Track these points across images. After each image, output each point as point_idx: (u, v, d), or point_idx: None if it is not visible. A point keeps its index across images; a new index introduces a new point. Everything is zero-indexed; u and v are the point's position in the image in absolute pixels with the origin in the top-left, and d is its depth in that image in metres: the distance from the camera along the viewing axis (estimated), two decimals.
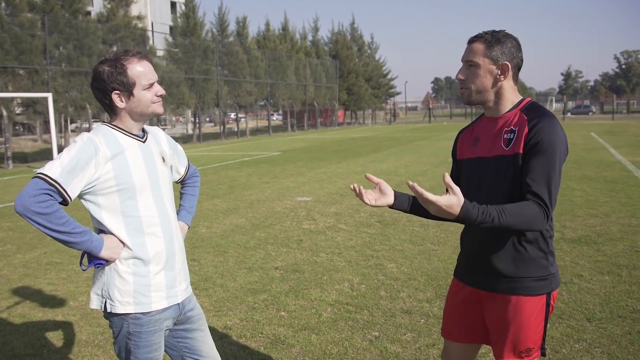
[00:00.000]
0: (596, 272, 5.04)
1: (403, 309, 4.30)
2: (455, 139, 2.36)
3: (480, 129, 2.20)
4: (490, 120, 2.14)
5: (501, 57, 2.03)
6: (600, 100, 79.06)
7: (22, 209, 1.86)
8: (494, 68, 2.04)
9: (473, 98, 2.09)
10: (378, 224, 7.43)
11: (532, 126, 1.95)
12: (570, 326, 3.86)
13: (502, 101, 2.08)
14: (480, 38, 2.05)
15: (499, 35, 2.05)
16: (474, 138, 2.20)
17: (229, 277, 5.28)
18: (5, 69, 20.15)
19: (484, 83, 2.05)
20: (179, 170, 2.45)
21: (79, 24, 23.04)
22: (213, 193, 10.68)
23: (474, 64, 2.05)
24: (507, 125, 2.05)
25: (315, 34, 50.33)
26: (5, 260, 6.20)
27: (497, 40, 2.03)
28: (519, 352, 2.08)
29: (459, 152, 2.29)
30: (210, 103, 32.73)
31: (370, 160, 16.60)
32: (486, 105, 2.12)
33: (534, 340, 2.08)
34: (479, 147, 2.15)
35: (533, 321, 2.06)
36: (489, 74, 2.04)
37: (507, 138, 2.03)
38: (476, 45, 2.05)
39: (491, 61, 2.03)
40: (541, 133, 1.93)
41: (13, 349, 3.80)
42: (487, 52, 2.03)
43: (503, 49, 2.03)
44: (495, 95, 2.08)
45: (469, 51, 2.07)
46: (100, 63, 2.05)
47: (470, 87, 2.07)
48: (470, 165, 2.18)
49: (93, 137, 2.00)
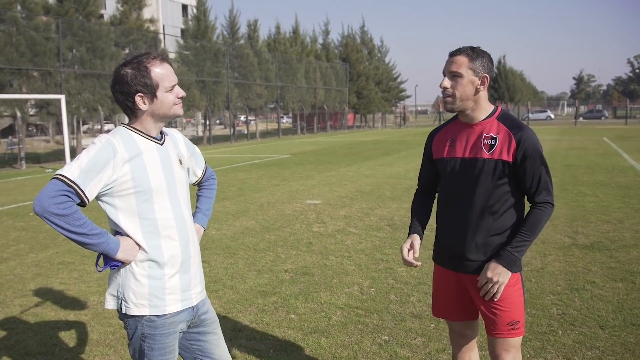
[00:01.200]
0: (609, 279, 4.99)
1: (413, 313, 4.29)
2: (428, 139, 2.60)
3: (455, 132, 2.45)
4: (466, 126, 2.41)
5: (481, 69, 2.30)
6: (613, 105, 78.44)
7: (40, 209, 1.87)
8: (476, 79, 2.30)
9: (456, 105, 2.33)
10: (388, 228, 7.41)
11: (519, 139, 2.27)
12: (583, 333, 3.83)
13: (479, 109, 2.36)
14: (463, 52, 2.30)
15: (478, 50, 2.32)
16: (450, 139, 2.45)
17: (238, 279, 5.30)
18: (20, 70, 20.36)
19: (467, 92, 2.30)
20: (196, 172, 2.45)
21: (92, 26, 23.23)
22: (223, 195, 10.72)
23: (458, 74, 2.29)
24: (487, 131, 2.34)
25: (326, 37, 50.38)
26: (18, 260, 6.26)
27: (477, 54, 2.30)
28: (506, 324, 2.37)
29: (434, 151, 2.53)
30: (220, 105, 32.86)
31: (380, 163, 16.59)
32: (464, 112, 2.37)
33: (518, 313, 2.37)
34: (457, 149, 2.41)
35: (513, 297, 2.36)
36: (471, 84, 2.30)
37: (488, 144, 2.32)
38: (460, 58, 2.29)
39: (473, 73, 2.29)
40: (526, 143, 2.27)
41: (26, 347, 3.84)
42: (470, 65, 2.28)
43: (483, 62, 2.30)
44: (474, 103, 2.34)
45: (453, 63, 2.30)
46: (122, 66, 2.06)
47: (455, 95, 2.31)
48: (450, 164, 2.43)
49: (111, 139, 2.01)
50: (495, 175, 2.30)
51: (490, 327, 2.41)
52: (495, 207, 2.33)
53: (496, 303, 2.36)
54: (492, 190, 2.32)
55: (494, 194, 2.32)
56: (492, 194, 2.32)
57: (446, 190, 2.47)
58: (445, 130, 2.52)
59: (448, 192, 2.46)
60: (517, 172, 2.30)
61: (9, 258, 6.38)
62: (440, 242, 2.55)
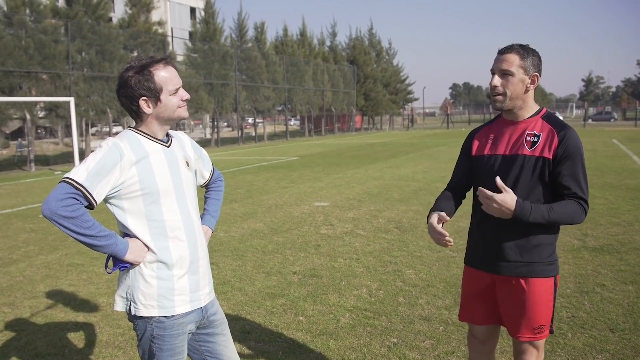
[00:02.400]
0: (619, 282, 4.95)
1: (422, 315, 4.28)
2: (469, 137, 2.58)
3: (498, 129, 2.44)
4: (510, 123, 2.39)
5: (532, 68, 2.28)
6: (622, 107, 77.85)
7: (49, 212, 1.89)
8: (526, 78, 2.28)
9: (505, 104, 2.31)
10: (396, 230, 7.40)
11: (561, 137, 2.25)
12: (593, 336, 3.80)
13: (526, 107, 2.34)
14: (514, 50, 2.27)
15: (528, 48, 2.29)
16: (492, 137, 2.44)
17: (247, 281, 5.31)
18: (29, 73, 20.52)
19: (517, 91, 2.28)
20: (204, 174, 2.47)
21: (101, 29, 23.38)
22: (231, 197, 10.74)
23: (509, 73, 2.26)
24: (530, 129, 2.32)
25: (333, 40, 50.41)
26: (28, 261, 6.30)
27: (528, 52, 2.27)
28: (533, 329, 2.34)
29: (474, 148, 2.50)
30: (228, 108, 32.94)
31: (388, 166, 16.56)
32: (511, 111, 2.35)
33: (545, 318, 2.35)
34: (499, 146, 2.38)
35: (544, 301, 2.33)
36: (521, 83, 2.28)
37: (530, 140, 2.30)
38: (511, 56, 2.27)
39: (524, 71, 2.27)
40: (568, 141, 2.24)
41: (36, 349, 3.86)
42: (521, 63, 2.26)
43: (533, 61, 2.28)
44: (523, 102, 2.32)
45: (503, 61, 2.27)
46: (126, 70, 2.07)
47: (506, 93, 2.28)
48: (491, 161, 2.39)
49: (118, 142, 2.03)
50: (535, 173, 2.27)
51: (514, 329, 2.40)
52: None
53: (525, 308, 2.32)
54: (532, 188, 2.28)
55: (534, 191, 2.28)
56: (532, 192, 2.28)
57: (484, 187, 2.34)
58: (487, 128, 2.51)
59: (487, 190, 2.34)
60: (556, 170, 2.25)
61: (18, 260, 6.42)
62: (475, 241, 2.51)
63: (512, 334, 2.42)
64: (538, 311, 2.33)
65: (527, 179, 2.27)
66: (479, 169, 2.45)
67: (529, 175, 2.27)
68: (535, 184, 2.27)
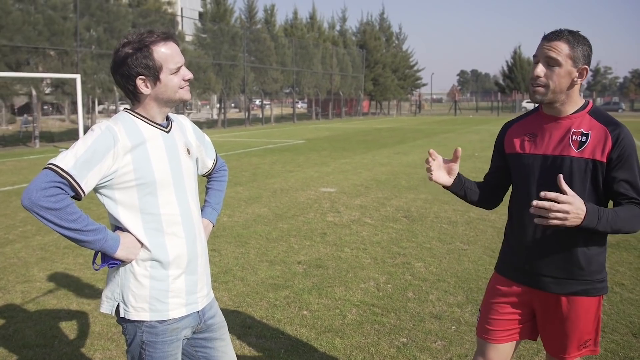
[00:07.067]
0: (639, 281, 4.71)
1: (432, 313, 4.05)
2: (501, 132, 2.30)
3: (536, 125, 2.14)
4: (551, 119, 2.10)
5: (581, 60, 2.00)
6: (630, 97, 76.77)
7: (29, 203, 1.67)
8: (574, 70, 2.00)
9: (547, 97, 2.03)
10: (405, 219, 7.16)
11: (616, 138, 1.97)
12: (615, 341, 3.57)
13: (570, 102, 2.06)
14: (563, 37, 1.99)
15: (578, 36, 2.01)
16: (530, 134, 2.15)
17: (249, 270, 5.09)
18: (37, 49, 20.32)
19: (562, 84, 2.01)
20: (206, 163, 2.22)
21: (110, 7, 23.14)
22: (236, 180, 10.52)
23: (556, 63, 1.99)
24: (576, 127, 2.04)
25: (343, 24, 49.87)
26: (24, 242, 6.12)
27: (578, 42, 1.99)
28: (579, 346, 2.14)
29: (507, 145, 2.23)
30: (236, 89, 32.75)
31: (395, 152, 16.28)
32: (552, 105, 2.07)
33: (590, 332, 2.14)
34: (539, 144, 2.10)
35: (591, 319, 2.11)
36: (568, 76, 2.00)
37: (577, 140, 2.02)
38: (560, 44, 1.98)
39: (573, 63, 1.99)
40: (623, 142, 1.97)
41: (24, 338, 3.66)
42: (570, 53, 1.98)
43: (584, 51, 2.00)
44: (567, 96, 2.05)
45: (551, 49, 1.99)
46: (122, 46, 1.83)
47: (549, 85, 2.01)
48: (529, 161, 2.12)
49: (112, 126, 1.80)
50: (584, 177, 2.00)
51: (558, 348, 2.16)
52: None
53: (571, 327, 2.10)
54: (581, 194, 1.96)
55: (584, 198, 1.94)
56: (585, 194, 1.99)
57: (523, 190, 2.12)
58: (522, 122, 2.22)
59: (526, 193, 2.10)
60: (610, 174, 1.98)
61: (14, 240, 6.23)
62: (512, 250, 2.22)
63: (553, 352, 2.19)
64: (586, 329, 2.11)
65: (575, 184, 1.99)
66: (516, 170, 2.18)
67: (577, 180, 2.00)
68: (583, 190, 1.99)
